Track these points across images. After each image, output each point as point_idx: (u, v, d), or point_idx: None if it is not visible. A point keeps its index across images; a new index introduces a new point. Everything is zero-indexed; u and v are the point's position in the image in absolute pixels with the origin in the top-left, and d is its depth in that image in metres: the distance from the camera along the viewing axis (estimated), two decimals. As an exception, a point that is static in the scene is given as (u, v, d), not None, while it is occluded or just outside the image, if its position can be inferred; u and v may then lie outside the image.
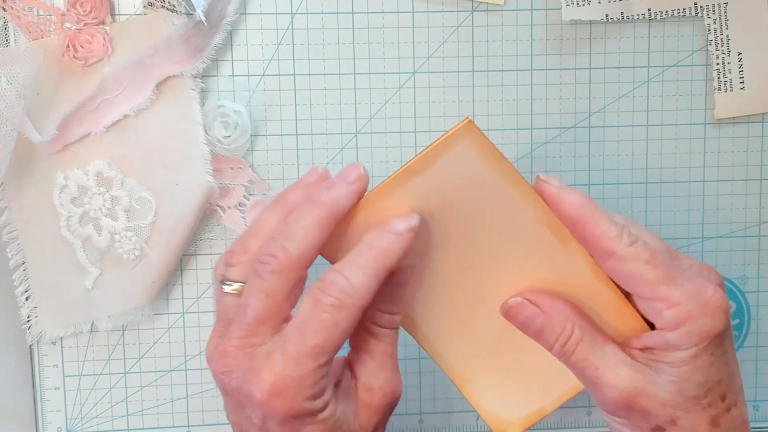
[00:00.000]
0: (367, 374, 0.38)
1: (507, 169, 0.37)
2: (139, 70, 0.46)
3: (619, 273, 0.36)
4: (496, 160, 0.37)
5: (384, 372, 0.38)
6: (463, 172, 0.37)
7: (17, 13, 0.45)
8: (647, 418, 0.36)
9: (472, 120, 0.36)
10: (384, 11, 0.48)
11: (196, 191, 0.47)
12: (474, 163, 0.36)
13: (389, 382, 0.38)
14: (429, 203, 0.37)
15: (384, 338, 0.38)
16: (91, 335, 0.49)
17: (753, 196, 0.50)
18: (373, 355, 0.38)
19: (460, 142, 0.36)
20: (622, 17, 0.48)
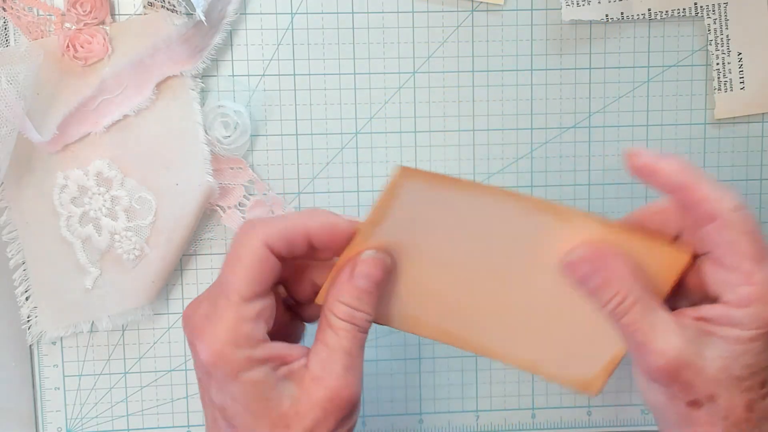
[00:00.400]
0: (317, 364, 0.37)
1: (463, 184, 0.37)
2: (139, 70, 0.46)
3: (713, 239, 0.36)
4: (448, 181, 0.37)
5: (334, 366, 0.37)
6: (423, 205, 0.38)
7: (17, 13, 0.45)
8: (688, 391, 0.36)
9: (403, 166, 0.37)
10: (384, 11, 0.48)
11: (196, 191, 0.47)
12: (429, 194, 0.37)
13: (337, 378, 0.37)
14: (404, 237, 0.38)
15: (340, 332, 0.37)
16: (91, 335, 0.49)
17: (753, 196, 0.50)
18: (327, 346, 0.37)
19: (404, 185, 0.37)
20: (622, 17, 0.48)
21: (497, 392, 0.51)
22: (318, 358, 0.37)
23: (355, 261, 0.38)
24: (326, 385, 0.36)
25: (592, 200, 0.50)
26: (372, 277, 0.38)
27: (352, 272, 0.38)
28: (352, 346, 0.37)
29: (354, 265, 0.38)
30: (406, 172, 0.37)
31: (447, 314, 0.40)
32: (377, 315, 0.39)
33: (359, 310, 0.37)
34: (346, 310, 0.37)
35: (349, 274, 0.38)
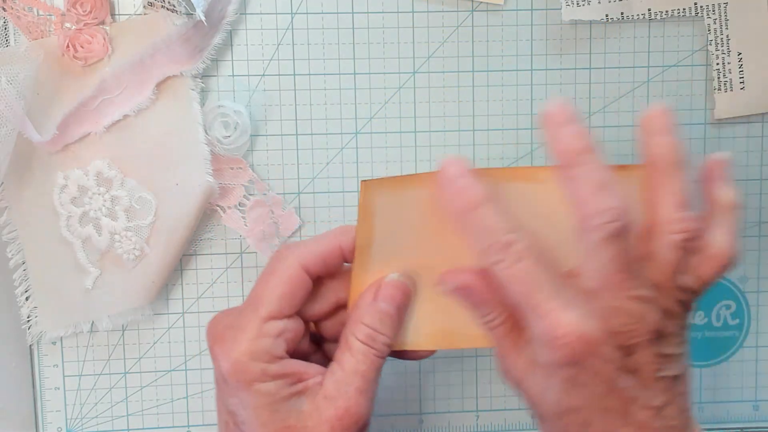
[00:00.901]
0: (332, 384, 0.38)
1: (424, 177, 0.38)
2: (139, 70, 0.46)
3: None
4: (413, 180, 0.38)
5: (347, 388, 0.37)
6: (402, 210, 0.38)
7: (17, 13, 0.45)
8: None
9: (364, 180, 0.38)
10: (384, 11, 0.48)
11: (196, 191, 0.47)
12: (402, 197, 0.38)
13: (349, 399, 0.37)
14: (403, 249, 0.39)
15: (358, 355, 0.38)
16: (91, 335, 0.49)
17: (753, 196, 0.50)
18: (343, 367, 0.38)
19: (373, 198, 0.38)
20: (622, 17, 0.48)
21: (497, 392, 0.51)
22: (333, 378, 0.38)
23: (378, 283, 0.39)
24: (337, 404, 0.37)
25: (592, 200, 0.50)
26: (395, 300, 0.38)
27: (375, 295, 0.38)
28: (368, 370, 0.38)
29: (377, 288, 0.38)
30: (367, 184, 0.38)
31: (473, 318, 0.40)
32: (408, 342, 0.40)
33: (380, 333, 0.38)
34: (367, 332, 0.38)
35: (372, 296, 0.38)
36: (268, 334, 0.37)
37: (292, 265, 0.38)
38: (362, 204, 0.38)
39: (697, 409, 0.52)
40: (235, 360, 0.37)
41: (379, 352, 0.38)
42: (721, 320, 0.51)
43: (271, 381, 0.37)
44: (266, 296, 0.38)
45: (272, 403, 0.37)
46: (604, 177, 0.36)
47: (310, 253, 0.38)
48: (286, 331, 0.38)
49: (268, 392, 0.37)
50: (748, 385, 0.52)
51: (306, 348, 0.41)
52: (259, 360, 0.37)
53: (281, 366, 0.37)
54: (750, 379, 0.52)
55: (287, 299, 0.38)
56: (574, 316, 0.34)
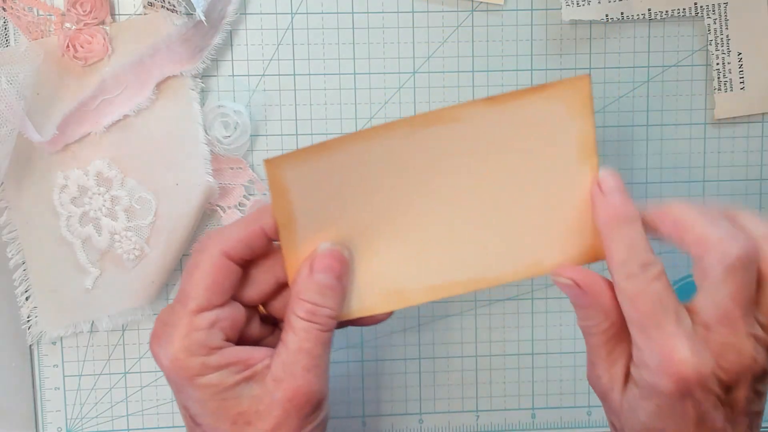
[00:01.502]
0: (279, 365, 0.37)
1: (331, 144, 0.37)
2: (139, 70, 0.46)
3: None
4: (319, 149, 0.37)
5: (294, 367, 0.37)
6: (321, 184, 0.38)
7: (17, 13, 0.45)
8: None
9: (267, 159, 0.37)
10: (384, 11, 0.48)
11: (196, 191, 0.47)
12: (313, 168, 0.37)
13: (297, 378, 0.37)
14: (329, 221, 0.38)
15: (300, 332, 0.37)
16: (91, 335, 0.49)
17: (753, 196, 0.50)
18: (287, 347, 0.37)
19: (282, 175, 0.37)
20: (622, 17, 0.48)
21: (497, 392, 0.51)
22: (279, 359, 0.37)
23: (312, 256, 0.38)
24: (286, 385, 0.37)
25: (592, 200, 0.50)
26: (333, 270, 0.38)
27: (310, 268, 0.38)
28: (314, 347, 0.37)
29: (312, 261, 0.38)
30: (274, 163, 0.37)
31: (422, 270, 0.39)
32: (355, 309, 0.39)
33: (322, 306, 0.38)
34: (307, 308, 0.37)
35: (308, 270, 0.38)
36: (201, 327, 0.37)
37: (213, 255, 0.37)
38: (272, 183, 0.37)
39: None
40: (173, 358, 0.37)
41: (323, 326, 0.38)
42: (721, 320, 0.51)
43: (214, 372, 0.37)
44: (192, 290, 0.37)
45: (219, 393, 0.37)
46: (716, 213, 0.37)
47: (231, 240, 0.38)
48: (220, 321, 0.38)
49: (212, 384, 0.37)
50: (748, 385, 0.52)
51: (257, 332, 0.41)
52: (196, 354, 0.37)
53: (222, 356, 0.37)
54: (750, 379, 0.52)
55: (214, 290, 0.37)
56: (692, 348, 0.35)
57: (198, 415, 0.38)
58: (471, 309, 0.50)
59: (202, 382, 0.37)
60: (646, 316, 0.35)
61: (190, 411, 0.38)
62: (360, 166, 0.38)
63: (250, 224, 0.38)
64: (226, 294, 0.38)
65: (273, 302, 0.41)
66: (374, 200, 0.38)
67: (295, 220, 0.38)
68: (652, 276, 0.36)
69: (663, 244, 0.38)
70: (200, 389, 0.37)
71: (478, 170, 0.38)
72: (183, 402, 0.38)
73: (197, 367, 0.37)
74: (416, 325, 0.50)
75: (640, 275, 0.36)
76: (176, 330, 0.37)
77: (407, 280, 0.39)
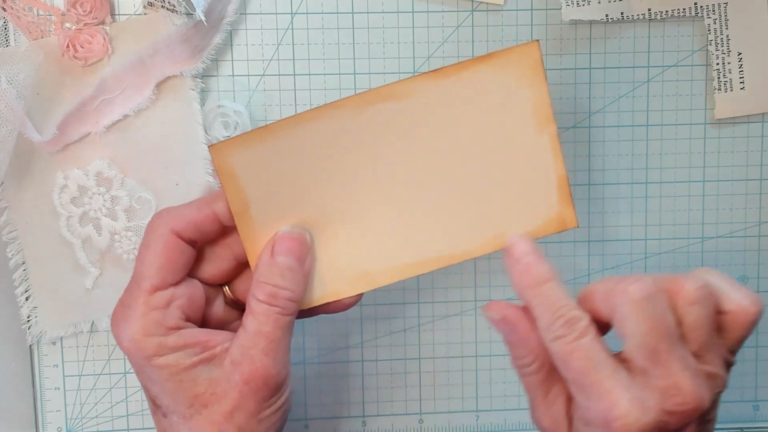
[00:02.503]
0: (237, 348, 0.37)
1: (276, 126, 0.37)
2: (139, 70, 0.46)
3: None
4: (265, 132, 0.37)
5: (252, 350, 0.37)
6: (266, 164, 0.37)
7: (17, 13, 0.45)
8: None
9: (211, 145, 0.37)
10: (384, 11, 0.48)
11: (196, 191, 0.47)
12: (261, 152, 0.37)
13: (254, 362, 0.37)
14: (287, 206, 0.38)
15: (260, 315, 0.37)
16: (91, 335, 0.49)
17: (753, 196, 0.50)
18: (246, 330, 0.37)
19: (228, 161, 0.37)
20: (622, 17, 0.48)
21: (497, 392, 0.51)
22: (238, 342, 0.38)
23: (273, 239, 0.38)
24: (243, 368, 0.37)
25: (591, 200, 0.50)
26: (293, 252, 0.38)
27: (272, 251, 0.38)
28: (273, 330, 0.37)
29: (272, 244, 0.38)
30: (219, 149, 0.37)
31: (386, 251, 0.39)
32: (320, 296, 0.39)
33: (282, 288, 0.37)
34: (268, 290, 0.37)
35: (269, 253, 0.38)
36: (157, 306, 0.37)
37: (163, 234, 0.37)
38: (219, 170, 0.37)
39: (697, 409, 0.52)
40: (130, 338, 0.37)
41: (283, 310, 0.37)
42: (721, 320, 0.51)
43: (171, 353, 0.37)
44: (146, 270, 0.37)
45: (175, 374, 0.37)
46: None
47: (181, 220, 0.38)
48: (176, 299, 0.38)
49: (168, 364, 0.37)
50: (748, 385, 0.52)
51: (223, 315, 0.41)
52: (152, 334, 0.37)
53: (179, 337, 0.37)
54: (750, 379, 0.52)
55: (167, 268, 0.37)
56: (631, 400, 0.34)
57: (157, 397, 0.38)
58: (471, 309, 0.50)
59: (159, 363, 0.37)
60: (580, 374, 0.35)
61: (150, 392, 0.38)
62: (309, 147, 0.37)
63: (203, 208, 0.38)
64: (180, 272, 0.38)
65: (238, 284, 0.41)
66: (329, 182, 0.38)
67: (249, 206, 0.38)
68: (578, 333, 0.35)
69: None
70: (157, 370, 0.37)
71: (434, 145, 0.38)
72: (143, 383, 0.39)
73: (154, 348, 0.37)
74: (416, 325, 0.50)
75: (567, 335, 0.35)
76: (132, 311, 0.37)
77: (372, 262, 0.39)
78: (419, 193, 0.39)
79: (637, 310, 0.35)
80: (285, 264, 0.38)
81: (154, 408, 0.39)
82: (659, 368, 0.35)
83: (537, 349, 0.37)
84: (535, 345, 0.37)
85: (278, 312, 0.37)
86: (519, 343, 0.38)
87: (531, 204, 0.39)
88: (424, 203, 0.39)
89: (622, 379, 0.34)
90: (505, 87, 0.37)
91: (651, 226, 0.50)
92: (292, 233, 0.38)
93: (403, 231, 0.39)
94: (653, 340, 0.35)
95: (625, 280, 0.36)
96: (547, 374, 0.38)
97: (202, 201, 0.39)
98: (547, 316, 0.36)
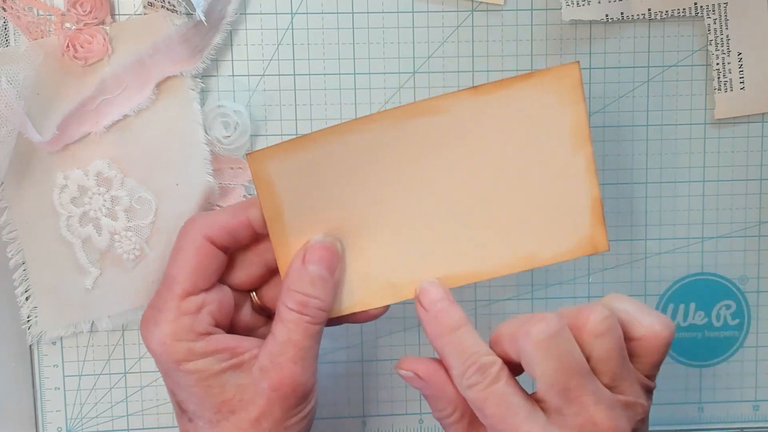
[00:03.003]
0: (266, 355, 0.37)
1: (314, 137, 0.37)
2: (139, 70, 0.46)
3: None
4: (303, 141, 0.37)
5: (280, 358, 0.37)
6: (303, 173, 0.38)
7: (17, 13, 0.45)
8: None
9: (249, 153, 0.38)
10: (384, 11, 0.48)
11: (196, 191, 0.47)
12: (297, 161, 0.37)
13: (282, 369, 0.37)
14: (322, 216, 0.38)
15: (290, 323, 0.37)
16: (91, 335, 0.49)
17: (753, 196, 0.50)
18: (276, 338, 0.37)
19: (265, 169, 0.37)
20: (622, 17, 0.48)
21: (497, 392, 0.51)
22: (267, 350, 0.38)
23: (304, 248, 0.38)
24: (271, 375, 0.37)
25: (592, 200, 0.50)
26: (324, 261, 0.38)
27: (303, 260, 0.38)
28: (302, 339, 0.37)
29: (304, 252, 0.38)
30: (257, 157, 0.37)
31: (416, 264, 0.39)
32: (348, 305, 0.39)
33: (313, 297, 0.37)
34: (298, 299, 0.37)
35: (300, 262, 0.38)
36: (188, 311, 0.37)
37: (196, 239, 0.38)
38: (256, 177, 0.37)
39: (698, 409, 0.52)
40: (160, 342, 0.37)
41: (313, 319, 0.37)
42: (721, 320, 0.51)
43: (200, 359, 0.37)
44: (177, 274, 0.37)
45: (204, 380, 0.37)
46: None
47: (214, 226, 0.38)
48: (207, 305, 0.38)
49: (197, 370, 0.37)
50: (748, 385, 0.52)
51: (250, 321, 0.41)
52: (183, 339, 0.37)
53: (209, 342, 0.37)
54: (750, 379, 0.52)
55: (199, 273, 0.37)
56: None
57: (184, 401, 0.38)
58: (471, 309, 0.50)
59: (188, 368, 0.37)
60: (496, 420, 0.35)
61: (177, 397, 0.38)
62: (346, 158, 0.38)
63: (237, 214, 0.38)
64: (211, 278, 0.38)
65: (265, 291, 0.41)
66: (363, 193, 0.38)
67: (282, 213, 0.38)
68: (490, 379, 0.35)
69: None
70: (186, 375, 0.37)
71: (469, 162, 0.38)
72: (171, 387, 0.38)
73: (183, 352, 0.37)
74: (416, 325, 0.50)
75: (480, 381, 0.35)
76: (163, 314, 0.37)
77: (400, 274, 0.39)
78: (451, 208, 0.39)
79: (541, 351, 0.34)
80: (316, 273, 0.38)
81: (179, 413, 0.39)
82: (573, 405, 0.34)
83: (455, 398, 0.37)
84: (453, 395, 0.37)
85: (308, 320, 0.37)
86: (436, 396, 0.38)
87: (563, 224, 0.39)
88: (456, 218, 0.39)
89: (540, 421, 0.34)
90: (543, 106, 0.37)
91: (651, 226, 0.50)
92: (324, 242, 0.38)
93: (433, 245, 0.39)
94: (562, 378, 0.34)
95: (528, 321, 0.35)
96: (470, 421, 0.38)
97: (236, 207, 0.39)
98: (459, 365, 0.36)
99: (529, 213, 0.39)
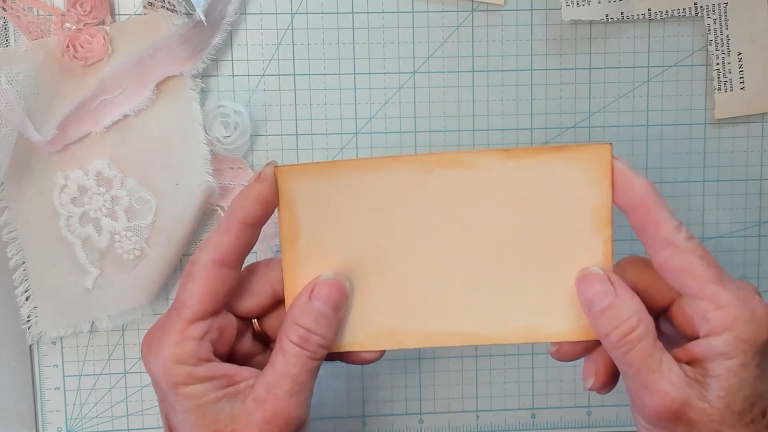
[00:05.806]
0: (262, 386, 0.37)
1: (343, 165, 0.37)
2: (139, 70, 0.46)
3: (672, 264, 0.36)
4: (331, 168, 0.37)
5: (277, 390, 0.37)
6: (325, 200, 0.38)
7: (17, 13, 0.45)
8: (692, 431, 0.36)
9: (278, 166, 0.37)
10: (384, 11, 0.48)
11: (196, 191, 0.47)
12: (323, 186, 0.37)
13: (278, 401, 0.37)
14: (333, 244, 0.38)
15: (290, 356, 0.37)
16: (91, 335, 0.49)
17: (753, 196, 0.51)
18: (274, 369, 0.37)
19: (291, 186, 0.37)
20: (622, 17, 0.48)
21: (497, 392, 0.51)
22: (264, 380, 0.37)
23: (313, 283, 0.38)
24: (266, 407, 0.37)
25: (592, 200, 0.50)
26: (331, 300, 0.38)
27: (309, 294, 0.38)
28: (300, 372, 0.37)
29: (312, 287, 0.38)
30: (285, 172, 0.37)
31: (418, 315, 0.39)
32: (346, 343, 0.39)
33: (315, 333, 0.37)
34: (301, 333, 0.37)
35: (307, 296, 0.38)
36: (193, 337, 0.37)
37: (206, 264, 0.37)
38: (281, 192, 0.37)
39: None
40: (162, 364, 0.37)
41: (313, 354, 0.37)
42: (721, 320, 0.51)
43: (198, 384, 0.37)
44: (187, 299, 0.37)
45: (200, 406, 0.37)
46: None
47: (219, 247, 0.38)
48: (212, 331, 0.38)
49: (195, 395, 0.37)
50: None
51: (249, 348, 0.41)
52: (184, 363, 0.37)
53: (208, 368, 0.37)
54: (750, 379, 0.52)
55: (208, 298, 0.37)
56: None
57: (178, 426, 0.38)
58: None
59: (186, 392, 0.37)
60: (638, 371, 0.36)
61: (171, 422, 0.38)
62: (370, 194, 0.38)
63: (231, 225, 0.38)
64: (220, 301, 0.38)
65: (268, 319, 0.41)
66: (380, 233, 0.38)
67: (299, 236, 0.38)
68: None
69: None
70: (183, 399, 0.37)
71: (488, 222, 0.38)
72: (165, 412, 0.38)
73: (183, 376, 0.37)
74: (416, 325, 0.50)
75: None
76: (169, 336, 0.37)
77: (401, 322, 0.39)
78: (463, 265, 0.38)
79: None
80: (321, 310, 0.38)
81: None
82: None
83: (639, 305, 0.37)
84: (638, 301, 0.37)
85: (308, 355, 0.37)
86: (617, 304, 0.37)
87: (572, 303, 0.38)
88: (466, 276, 0.39)
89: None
90: (571, 181, 0.37)
91: (651, 226, 0.50)
92: (333, 281, 0.38)
93: (439, 299, 0.39)
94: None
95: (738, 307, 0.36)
96: (654, 337, 0.37)
97: (227, 221, 0.39)
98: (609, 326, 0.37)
99: (539, 285, 0.38)
